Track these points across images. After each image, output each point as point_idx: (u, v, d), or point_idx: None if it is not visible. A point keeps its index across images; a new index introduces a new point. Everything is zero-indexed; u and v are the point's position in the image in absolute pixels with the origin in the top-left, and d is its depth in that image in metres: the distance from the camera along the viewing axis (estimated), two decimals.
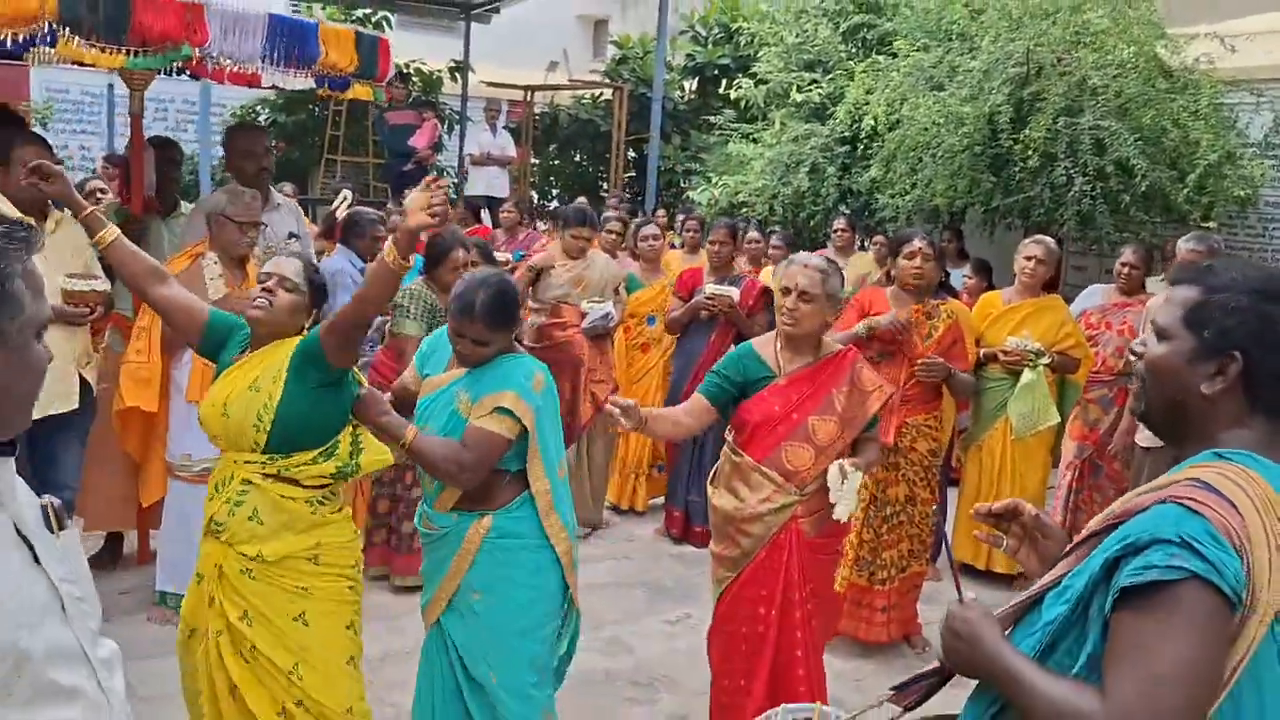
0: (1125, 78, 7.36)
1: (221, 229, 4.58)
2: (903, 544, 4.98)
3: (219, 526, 2.97)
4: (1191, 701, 1.43)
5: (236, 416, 2.93)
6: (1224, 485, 1.52)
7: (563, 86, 14.86)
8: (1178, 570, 1.44)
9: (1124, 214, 7.49)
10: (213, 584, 2.99)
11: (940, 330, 4.93)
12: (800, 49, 9.99)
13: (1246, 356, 1.60)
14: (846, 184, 9.08)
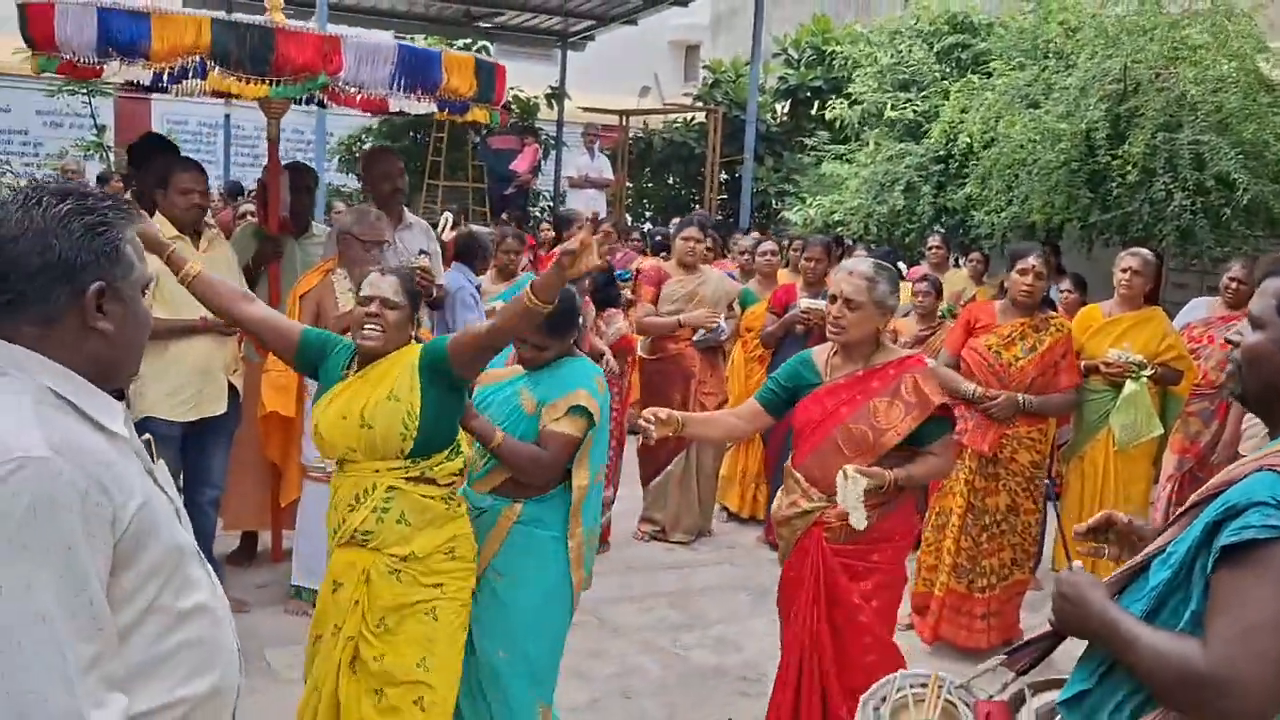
0: (1225, 92, 7.35)
1: (348, 247, 4.89)
2: (1005, 553, 5.06)
3: (367, 535, 3.04)
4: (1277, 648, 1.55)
5: (381, 426, 3.01)
6: None
7: (656, 111, 15.18)
8: (1273, 529, 1.56)
9: (1225, 228, 7.46)
10: (359, 589, 3.06)
11: (1047, 343, 5.02)
12: (894, 69, 10.12)
13: None
14: (942, 202, 9.16)
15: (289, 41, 4.43)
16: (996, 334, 5.04)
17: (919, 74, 9.92)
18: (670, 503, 6.38)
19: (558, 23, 13.94)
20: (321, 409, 3.10)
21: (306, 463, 4.92)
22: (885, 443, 3.38)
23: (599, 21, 13.63)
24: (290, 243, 5.40)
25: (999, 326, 5.05)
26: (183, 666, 1.64)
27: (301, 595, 4.97)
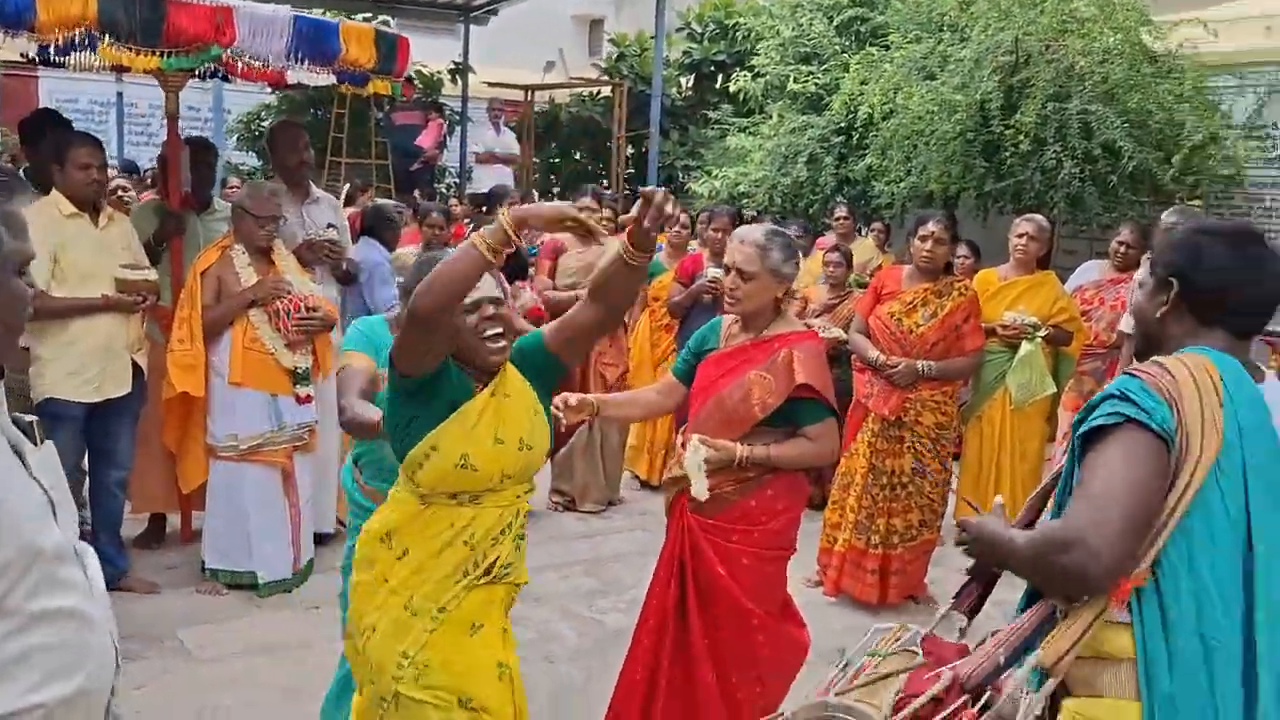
0: (1111, 63, 7.62)
1: (241, 221, 4.87)
2: (912, 514, 5.24)
3: (507, 569, 2.62)
4: (1126, 511, 1.75)
5: (539, 447, 2.66)
6: (1169, 361, 1.89)
7: (562, 85, 15.12)
8: (1116, 416, 1.82)
9: (1112, 195, 7.75)
10: (502, 622, 2.69)
11: (948, 308, 5.16)
12: (796, 42, 10.25)
13: (1182, 280, 1.95)
14: (844, 173, 9.34)
15: (180, 12, 4.36)
16: (900, 301, 5.18)
17: (820, 47, 10.06)
18: (576, 474, 6.45)
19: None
20: (463, 436, 2.50)
21: (214, 442, 4.87)
22: (752, 416, 3.26)
23: None
24: (192, 219, 5.32)
25: (903, 293, 5.20)
26: (36, 671, 1.57)
27: (218, 576, 4.93)
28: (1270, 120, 8.51)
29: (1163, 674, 1.77)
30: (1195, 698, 1.76)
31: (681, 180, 12.57)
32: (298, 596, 4.94)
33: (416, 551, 2.55)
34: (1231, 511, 1.80)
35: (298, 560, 5.01)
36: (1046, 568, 1.81)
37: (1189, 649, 1.76)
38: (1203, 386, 1.83)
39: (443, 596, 2.53)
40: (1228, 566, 1.79)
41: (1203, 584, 1.78)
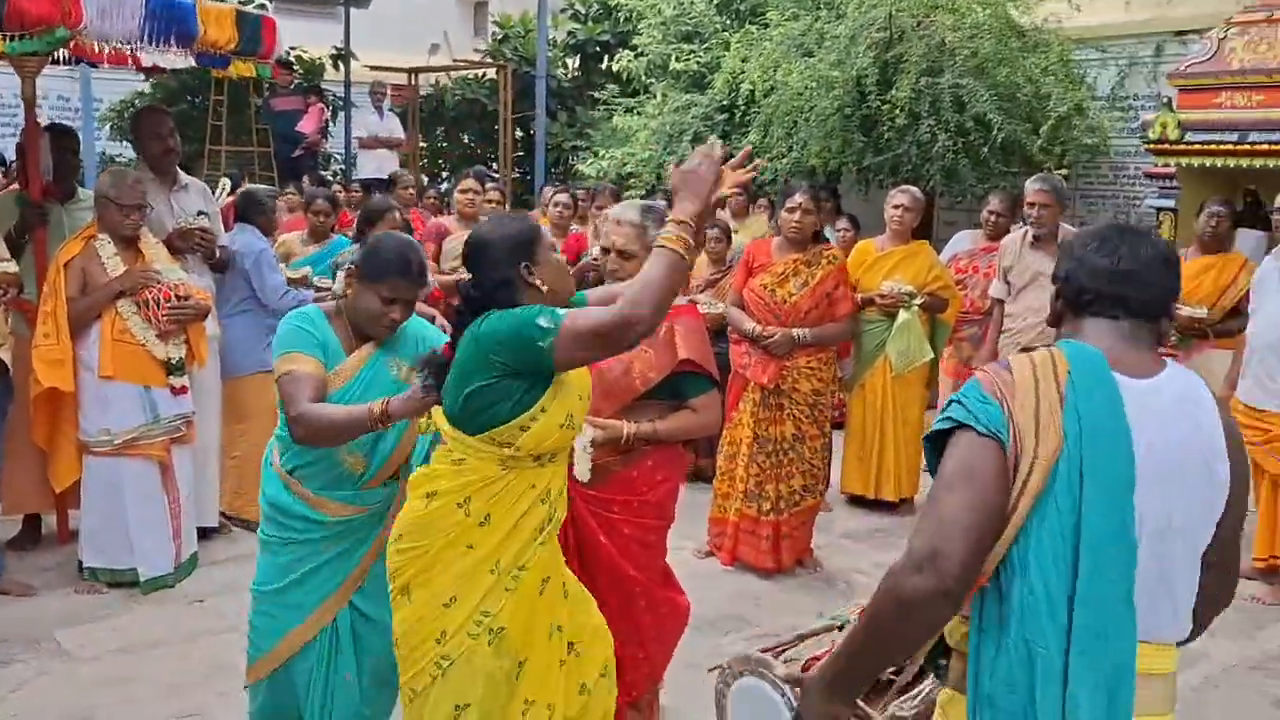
0: (980, 38, 7.83)
1: (105, 210, 4.75)
2: (795, 479, 5.35)
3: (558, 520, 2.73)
4: (961, 511, 1.72)
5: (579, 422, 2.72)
6: (1016, 358, 1.89)
7: (446, 68, 14.95)
8: (949, 421, 1.83)
9: (985, 166, 7.99)
10: (562, 574, 2.78)
11: (819, 276, 5.29)
12: (677, 21, 10.31)
13: (1064, 279, 2.00)
14: (728, 150, 9.41)
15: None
16: (771, 272, 5.29)
17: (701, 25, 10.14)
18: None
19: None
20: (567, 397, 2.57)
21: (87, 438, 4.73)
22: (633, 390, 3.29)
23: None
24: (56, 209, 5.14)
25: (774, 264, 5.30)
26: None
27: (97, 575, 4.81)
28: (1131, 92, 8.87)
29: (986, 673, 1.78)
30: (1014, 701, 1.75)
31: (570, 161, 12.56)
32: (181, 591, 4.84)
33: (501, 517, 2.57)
34: (1064, 514, 1.75)
35: (179, 554, 4.91)
36: (903, 597, 1.71)
37: (1015, 652, 1.75)
38: (1043, 384, 1.80)
39: (524, 556, 2.59)
40: (1058, 571, 1.74)
41: (1031, 588, 1.74)
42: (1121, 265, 1.91)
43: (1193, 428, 1.85)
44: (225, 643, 4.33)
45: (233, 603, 4.72)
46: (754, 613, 4.78)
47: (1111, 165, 9.07)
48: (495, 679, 2.59)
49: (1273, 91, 6.82)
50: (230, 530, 5.57)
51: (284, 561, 3.06)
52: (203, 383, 5.20)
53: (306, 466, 3.02)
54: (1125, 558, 1.75)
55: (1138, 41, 8.82)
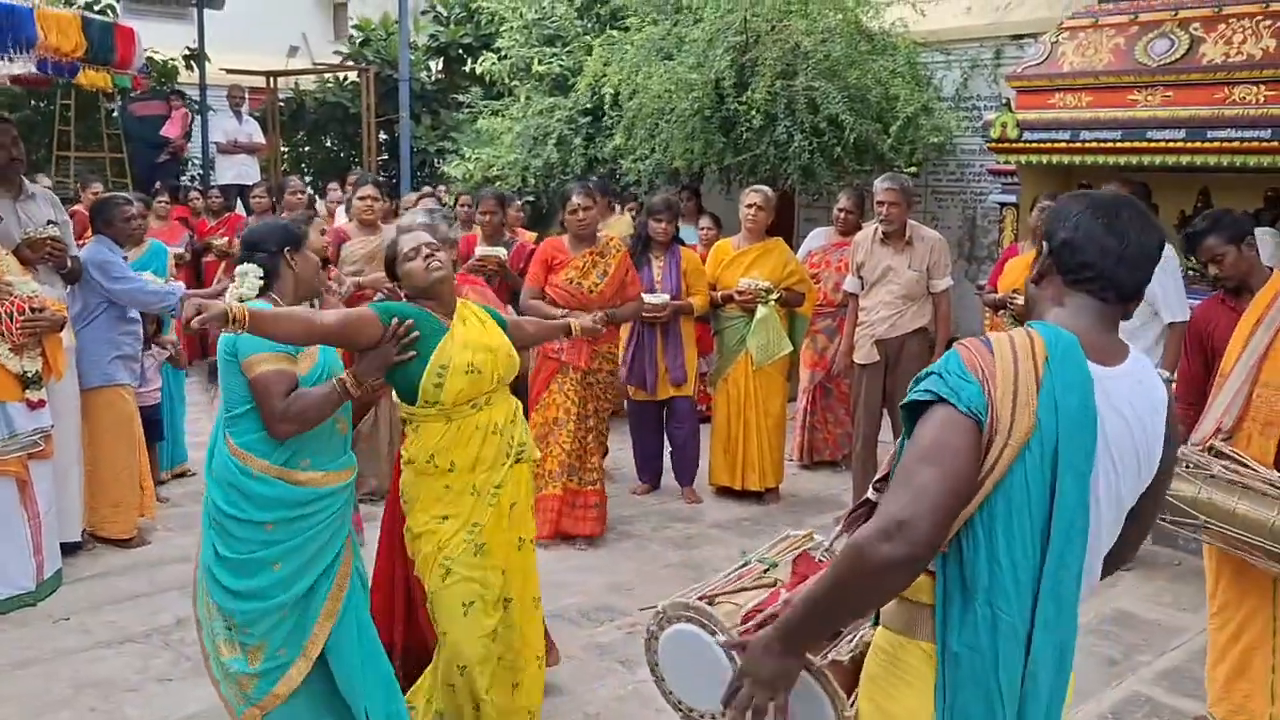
0: (832, 42, 8.11)
1: None
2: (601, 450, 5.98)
3: (523, 447, 3.51)
4: (933, 484, 1.75)
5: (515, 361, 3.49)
6: (996, 337, 1.89)
7: (306, 71, 14.72)
8: (928, 393, 1.84)
9: (839, 165, 8.28)
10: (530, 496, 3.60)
11: (614, 265, 5.78)
12: (539, 25, 10.38)
13: (1049, 242, 1.99)
14: (592, 153, 9.56)
15: None
16: (573, 267, 5.70)
17: (563, 29, 10.23)
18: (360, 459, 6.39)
19: None
20: (459, 349, 3.26)
21: None
22: None
23: None
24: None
25: (573, 260, 5.71)
26: None
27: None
28: (974, 93, 9.30)
29: (953, 632, 1.84)
30: (979, 659, 1.83)
31: (435, 164, 12.52)
32: (44, 609, 4.73)
33: (462, 460, 3.30)
34: (1034, 494, 1.81)
35: (41, 571, 4.80)
36: (870, 563, 1.74)
37: (980, 614, 1.82)
38: (1022, 366, 1.83)
39: (496, 476, 3.36)
40: (1024, 546, 1.81)
41: (996, 558, 1.81)
42: (1129, 251, 1.93)
43: (1147, 411, 1.94)
44: (94, 658, 4.28)
45: (98, 619, 4.65)
46: (626, 603, 4.92)
47: (958, 163, 9.50)
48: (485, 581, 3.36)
49: (1100, 93, 7.27)
50: (94, 546, 5.45)
51: (310, 551, 3.19)
52: (61, 395, 5.08)
53: (304, 450, 3.16)
54: (1084, 539, 1.87)
55: (979, 45, 9.26)
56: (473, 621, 3.35)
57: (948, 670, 1.86)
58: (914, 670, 1.92)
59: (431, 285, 3.33)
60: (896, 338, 5.90)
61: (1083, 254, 1.93)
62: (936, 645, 1.87)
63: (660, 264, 6.28)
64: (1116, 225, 1.93)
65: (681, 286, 6.23)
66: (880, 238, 5.98)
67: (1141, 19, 7.34)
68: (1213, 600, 3.59)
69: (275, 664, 3.17)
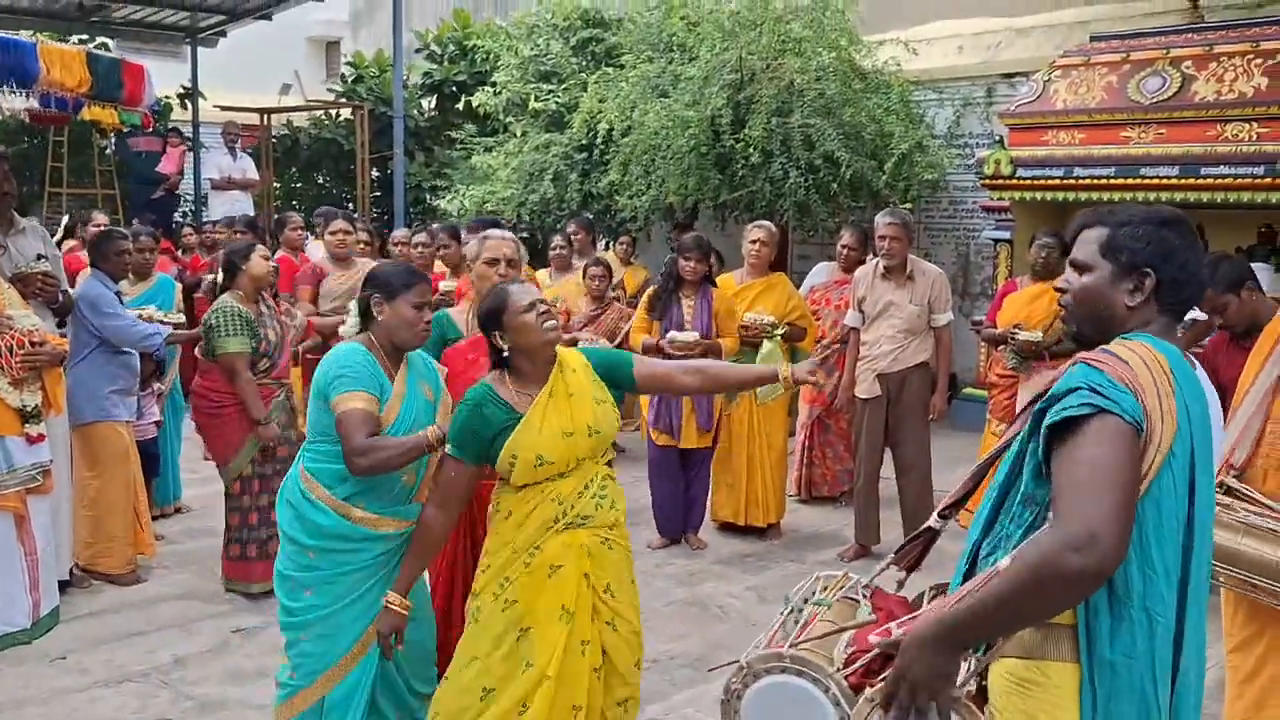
0: (826, 80, 8.21)
1: None
2: None
3: (585, 519, 3.14)
4: (1121, 497, 1.77)
5: (606, 428, 3.17)
6: (1121, 350, 1.93)
7: (300, 108, 14.76)
8: (1086, 407, 1.83)
9: (835, 201, 8.35)
10: (583, 562, 3.13)
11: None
12: (535, 61, 10.47)
13: (1157, 272, 2.01)
14: (588, 188, 9.60)
15: None
16: None
17: (558, 66, 10.32)
18: None
19: (184, 18, 13.25)
20: (533, 438, 3.04)
21: None
22: None
23: (230, 16, 13.11)
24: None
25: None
26: None
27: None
28: (967, 130, 9.41)
29: (1104, 642, 1.85)
30: (1135, 665, 1.85)
31: (428, 200, 12.56)
32: (40, 647, 4.65)
33: (518, 512, 3.12)
34: (1179, 494, 1.87)
35: (38, 609, 4.73)
36: (1055, 577, 1.74)
37: (1136, 621, 1.84)
38: (1156, 375, 1.88)
39: (537, 539, 3.09)
40: (1172, 545, 1.87)
41: (1151, 563, 1.84)
42: (1204, 279, 2.10)
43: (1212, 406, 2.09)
44: (91, 699, 4.21)
45: (96, 658, 4.58)
46: None
47: (951, 199, 9.58)
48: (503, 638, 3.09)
49: (1093, 130, 7.36)
50: (90, 583, 5.38)
51: (340, 589, 3.25)
52: (58, 431, 5.03)
53: (367, 492, 3.27)
54: (1211, 535, 1.98)
55: (971, 83, 9.38)
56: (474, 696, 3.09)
57: (1100, 681, 1.87)
58: (1061, 690, 1.90)
59: (543, 345, 3.14)
60: (898, 372, 5.90)
61: (1187, 290, 2.03)
62: (1083, 659, 1.88)
63: (690, 303, 6.06)
64: (1197, 255, 2.05)
65: (712, 328, 6.03)
66: (881, 272, 6.00)
67: (1133, 57, 7.44)
68: (1229, 638, 3.57)
69: (287, 683, 3.30)
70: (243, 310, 5.20)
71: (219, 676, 4.44)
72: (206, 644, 4.76)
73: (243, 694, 4.28)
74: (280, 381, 5.41)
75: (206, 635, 4.85)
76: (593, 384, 3.20)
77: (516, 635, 3.08)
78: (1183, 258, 2.02)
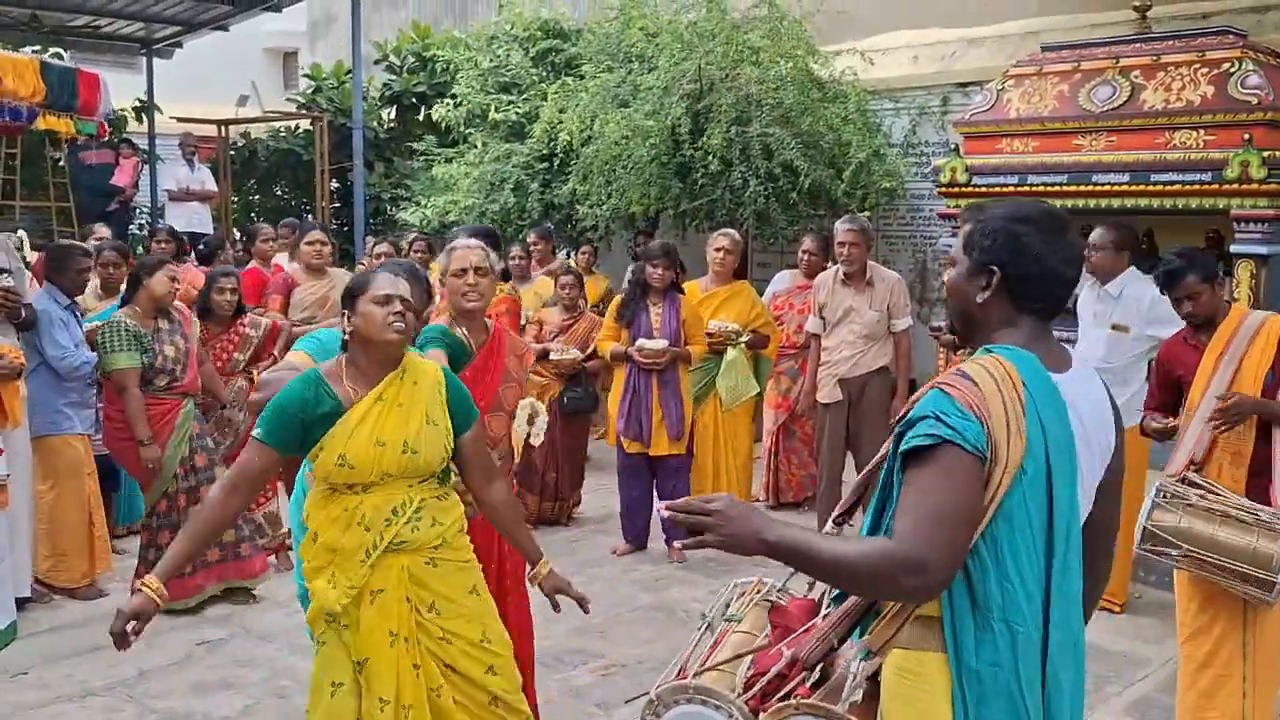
0: (784, 90, 8.27)
1: None
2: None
3: (402, 544, 3.01)
4: (953, 531, 1.83)
5: (426, 452, 3.01)
6: (975, 371, 1.93)
7: (258, 119, 14.67)
8: (932, 437, 1.85)
9: (794, 210, 8.42)
10: (403, 587, 3.03)
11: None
12: (495, 72, 10.47)
13: (1003, 268, 2.01)
14: (549, 198, 9.62)
15: None
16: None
17: (518, 77, 10.33)
18: None
19: (140, 29, 13.14)
20: (344, 437, 2.93)
21: None
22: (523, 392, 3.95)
23: (186, 27, 13.01)
24: None
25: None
26: None
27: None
28: (923, 139, 9.52)
29: (969, 653, 1.89)
30: (1001, 673, 1.89)
31: (389, 211, 12.52)
32: (0, 663, 4.61)
33: (325, 535, 3.01)
34: (1032, 508, 1.89)
35: None
36: (889, 584, 1.84)
37: (998, 632, 1.89)
38: (1006, 394, 1.89)
39: (353, 575, 2.98)
40: (1030, 559, 1.89)
41: (1007, 576, 1.88)
42: (1070, 273, 2.04)
43: (1097, 403, 2.06)
44: (55, 714, 4.19)
45: (57, 672, 4.54)
46: (599, 645, 4.90)
47: (909, 207, 9.69)
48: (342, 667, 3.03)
49: (1045, 138, 7.47)
50: (51, 598, 5.33)
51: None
52: (15, 444, 4.98)
53: None
54: (1079, 541, 1.98)
55: (926, 92, 9.49)
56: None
57: (969, 688, 1.90)
58: (936, 683, 1.94)
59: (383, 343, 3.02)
60: (859, 376, 5.98)
61: (1041, 287, 2.01)
62: (951, 662, 1.91)
63: (658, 310, 6.12)
64: (1062, 248, 2.01)
65: (680, 334, 6.09)
66: (841, 278, 6.08)
67: (1084, 67, 7.58)
68: (1183, 628, 3.66)
69: None
70: (131, 325, 5.16)
71: (183, 689, 4.42)
72: (170, 657, 4.73)
73: (206, 706, 4.27)
74: (187, 394, 5.38)
75: (170, 648, 4.82)
76: (433, 403, 3.06)
77: (356, 664, 3.02)
78: (1034, 254, 2.00)
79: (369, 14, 13.57)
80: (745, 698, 2.19)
